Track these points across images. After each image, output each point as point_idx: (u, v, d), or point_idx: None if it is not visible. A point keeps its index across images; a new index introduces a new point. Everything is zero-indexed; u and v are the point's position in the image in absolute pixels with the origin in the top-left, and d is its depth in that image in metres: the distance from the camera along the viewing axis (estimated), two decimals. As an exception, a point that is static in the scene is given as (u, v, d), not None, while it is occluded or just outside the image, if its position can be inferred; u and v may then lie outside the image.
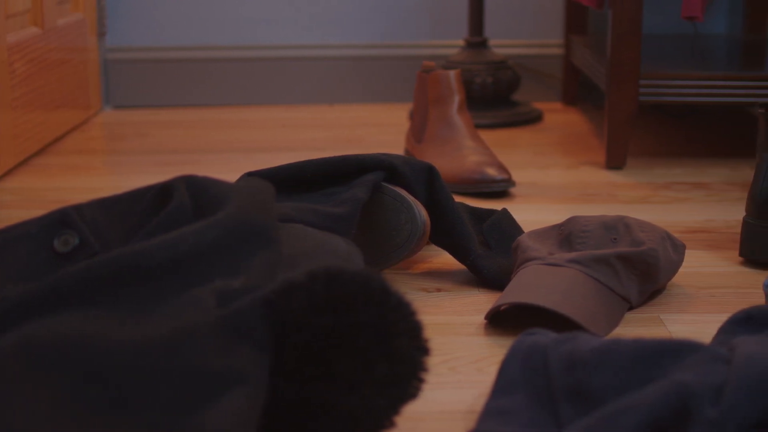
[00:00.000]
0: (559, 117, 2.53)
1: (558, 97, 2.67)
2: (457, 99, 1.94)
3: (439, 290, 1.42)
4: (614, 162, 2.03)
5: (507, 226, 1.50)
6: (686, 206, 1.80)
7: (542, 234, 1.40)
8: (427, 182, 1.44)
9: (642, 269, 1.33)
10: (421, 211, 1.39)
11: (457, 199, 1.84)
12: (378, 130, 2.40)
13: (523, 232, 1.51)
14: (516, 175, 2.00)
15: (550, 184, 1.93)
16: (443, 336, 1.27)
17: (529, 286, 1.27)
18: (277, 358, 1.01)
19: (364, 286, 1.00)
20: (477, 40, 2.46)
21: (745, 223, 1.52)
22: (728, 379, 0.89)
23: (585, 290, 1.28)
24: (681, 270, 1.49)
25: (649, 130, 2.40)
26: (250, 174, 1.44)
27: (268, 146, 2.24)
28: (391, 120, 2.50)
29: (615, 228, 1.38)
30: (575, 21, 2.57)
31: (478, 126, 2.40)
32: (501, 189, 1.84)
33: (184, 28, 2.65)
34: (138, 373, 0.92)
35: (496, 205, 1.80)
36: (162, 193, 1.18)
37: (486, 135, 2.34)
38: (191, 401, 0.91)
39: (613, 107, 2.00)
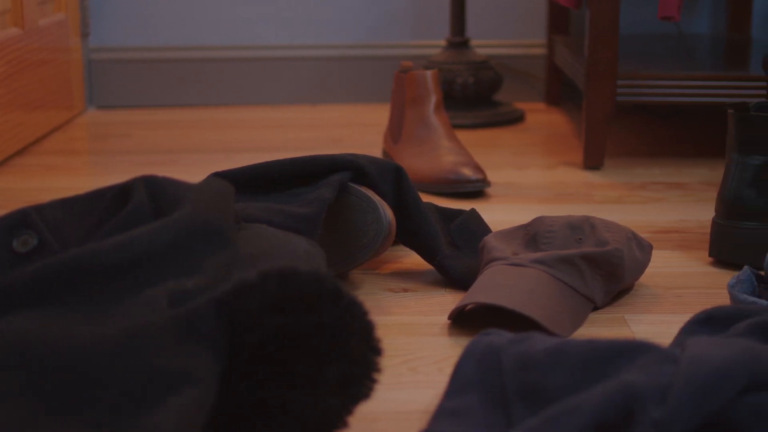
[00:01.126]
0: (541, 117, 2.53)
1: (541, 98, 2.67)
2: (433, 99, 1.94)
3: (405, 290, 1.42)
4: (592, 162, 2.03)
5: (475, 226, 1.50)
6: (661, 206, 1.80)
7: (508, 234, 1.40)
8: (395, 182, 1.44)
9: (607, 269, 1.33)
10: (387, 212, 1.39)
11: (433, 199, 1.84)
12: (360, 130, 2.40)
13: (491, 232, 1.51)
14: (493, 176, 2.00)
15: (527, 185, 1.93)
16: (406, 336, 1.27)
17: (492, 287, 1.27)
18: (230, 358, 1.01)
19: (316, 286, 1.00)
20: (458, 41, 2.46)
21: (714, 224, 1.52)
22: (674, 380, 0.89)
23: (548, 290, 1.28)
24: (649, 270, 1.49)
25: (632, 130, 2.40)
26: (216, 174, 1.44)
27: (249, 146, 2.24)
28: (374, 120, 2.50)
29: (580, 228, 1.38)
30: (558, 21, 2.57)
31: (459, 126, 2.40)
32: (476, 189, 1.84)
33: (168, 28, 2.65)
34: (86, 374, 0.92)
35: (471, 205, 1.80)
36: (121, 193, 1.18)
37: (467, 135, 2.34)
38: (138, 401, 0.91)
39: (591, 107, 2.00)
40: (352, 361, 1.00)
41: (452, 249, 1.46)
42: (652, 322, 1.32)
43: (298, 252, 1.20)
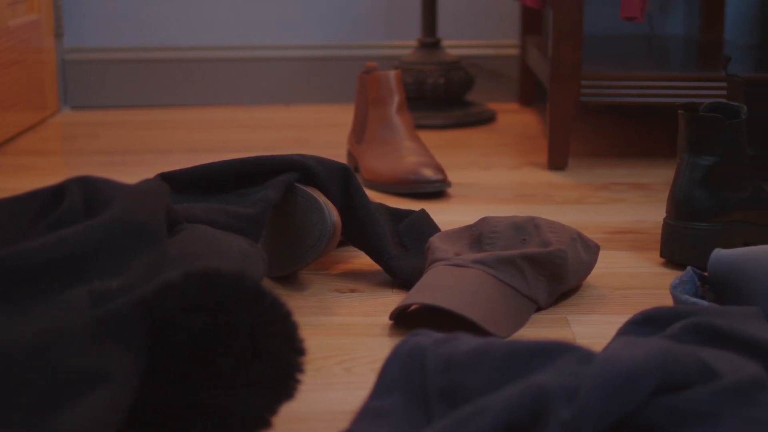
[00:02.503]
0: (513, 117, 2.52)
1: (514, 98, 2.67)
2: (396, 100, 1.94)
3: (352, 291, 1.42)
4: (556, 162, 2.03)
5: (424, 226, 1.50)
6: (620, 207, 1.80)
7: (454, 235, 1.40)
8: (342, 183, 1.44)
9: (550, 270, 1.32)
10: (332, 212, 1.39)
11: (394, 200, 1.84)
12: (329, 130, 2.40)
13: (437, 233, 1.50)
14: (458, 176, 1.99)
15: (490, 185, 1.93)
16: (345, 337, 1.27)
17: (432, 287, 1.27)
18: (153, 358, 1.01)
19: (237, 286, 1.00)
20: (430, 41, 2.46)
21: (665, 224, 1.51)
22: (584, 381, 0.88)
23: (488, 291, 1.27)
24: (599, 270, 1.48)
25: (602, 130, 2.40)
26: (163, 174, 1.44)
27: (215, 147, 2.24)
28: (344, 120, 2.50)
29: (525, 229, 1.37)
30: (530, 22, 2.57)
31: (429, 127, 2.40)
32: (436, 190, 1.84)
33: (142, 29, 2.65)
34: (2, 374, 0.92)
35: (431, 205, 1.80)
36: (56, 194, 1.18)
37: (437, 135, 2.34)
38: (52, 401, 0.91)
39: (555, 107, 2.00)
40: (273, 361, 1.00)
41: (400, 250, 1.46)
42: (595, 322, 1.31)
43: (233, 252, 1.20)
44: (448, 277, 1.28)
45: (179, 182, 1.43)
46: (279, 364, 1.01)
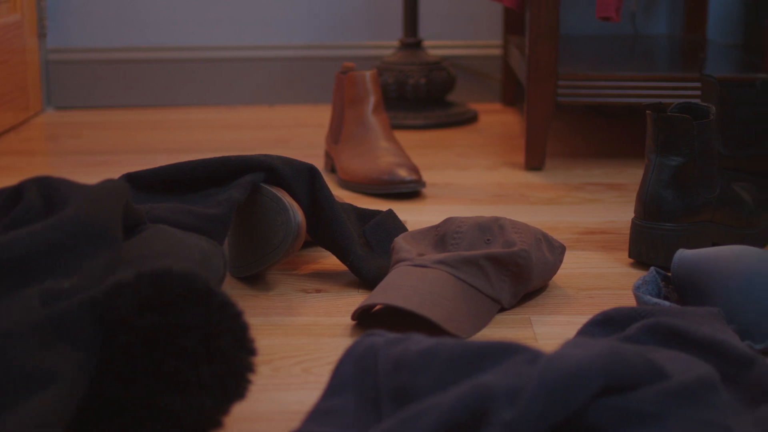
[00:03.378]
0: (495, 118, 2.52)
1: (497, 98, 2.67)
2: (372, 100, 1.94)
3: (318, 291, 1.42)
4: (533, 163, 2.03)
5: (390, 226, 1.50)
6: (594, 207, 1.80)
7: (419, 235, 1.40)
8: (308, 183, 1.44)
9: (513, 270, 1.32)
10: (297, 213, 1.39)
11: (369, 199, 1.84)
12: (311, 130, 2.40)
13: (402, 233, 1.51)
14: (435, 176, 1.99)
15: (465, 185, 1.93)
16: (307, 337, 1.27)
17: (393, 288, 1.27)
18: (105, 357, 1.01)
19: (188, 286, 1.00)
20: (411, 41, 2.46)
21: (633, 225, 1.51)
22: (527, 381, 0.88)
23: (449, 291, 1.27)
24: (566, 271, 1.48)
25: (582, 131, 2.40)
26: (129, 175, 1.44)
27: (197, 147, 2.24)
28: (327, 121, 2.50)
29: (489, 229, 1.37)
30: (513, 22, 2.57)
31: (410, 127, 2.40)
32: (410, 190, 1.84)
33: (126, 29, 2.65)
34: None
35: (406, 206, 1.80)
36: (14, 194, 1.18)
37: (418, 136, 2.34)
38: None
39: (532, 108, 2.00)
40: (224, 361, 1.00)
41: (366, 250, 1.46)
42: (558, 323, 1.31)
43: (193, 253, 1.20)
44: (410, 278, 1.28)
45: (145, 182, 1.43)
46: (230, 365, 1.01)
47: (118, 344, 1.00)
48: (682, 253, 1.32)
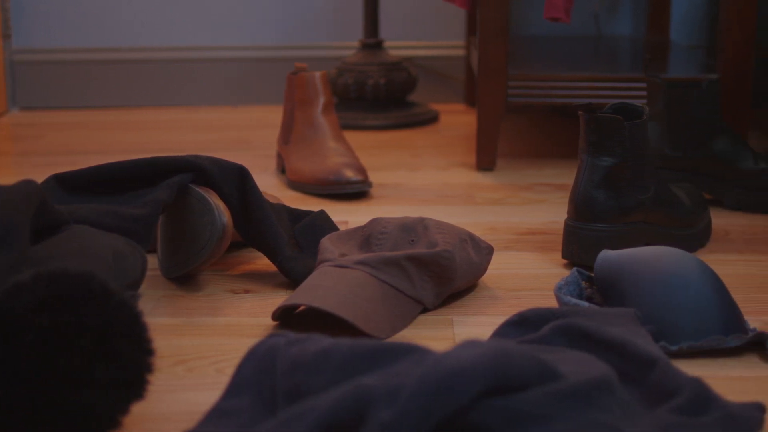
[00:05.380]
0: (457, 118, 2.52)
1: (461, 99, 2.67)
2: (322, 100, 1.94)
3: (247, 291, 1.43)
4: (484, 163, 2.03)
5: (320, 227, 1.50)
6: (538, 207, 1.80)
7: (346, 235, 1.40)
8: (238, 183, 1.45)
9: (435, 271, 1.32)
10: (222, 213, 1.39)
11: (316, 200, 1.84)
12: (272, 131, 2.40)
13: (329, 234, 1.51)
14: (385, 177, 2.00)
15: (414, 186, 1.93)
16: (227, 337, 1.28)
17: (312, 288, 1.28)
18: (2, 357, 1.01)
19: (83, 287, 1.00)
20: (372, 42, 2.46)
21: (566, 225, 1.52)
22: (408, 382, 0.88)
23: (368, 292, 1.28)
24: (498, 271, 1.49)
25: (541, 131, 2.40)
26: (58, 175, 1.44)
27: (155, 148, 2.25)
28: (289, 121, 2.50)
29: (414, 230, 1.37)
30: (476, 23, 2.57)
31: (369, 127, 2.40)
32: (356, 190, 1.84)
33: (92, 30, 2.65)
34: None
35: (351, 206, 1.80)
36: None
37: (376, 136, 2.34)
38: None
39: (482, 108, 2.00)
40: (121, 361, 1.01)
41: (296, 250, 1.46)
42: (480, 324, 1.32)
43: (105, 253, 1.20)
44: (329, 278, 1.29)
45: (73, 183, 1.43)
46: (127, 365, 1.01)
47: (16, 344, 1.00)
48: (605, 254, 1.32)
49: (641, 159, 1.51)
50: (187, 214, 1.42)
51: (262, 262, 1.53)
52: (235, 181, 1.44)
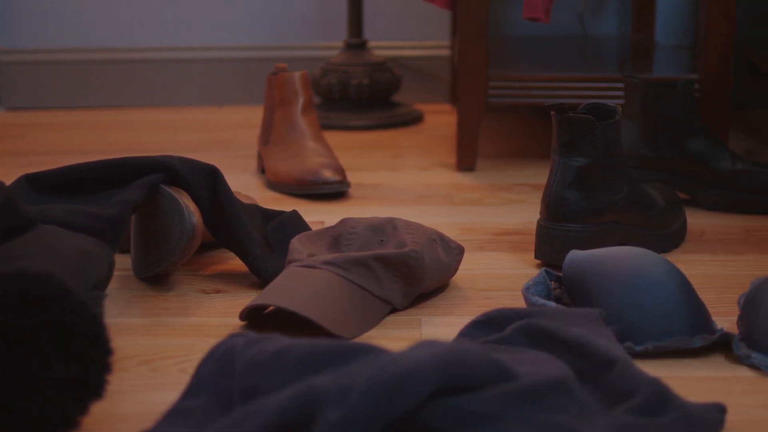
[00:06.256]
0: (441, 118, 2.52)
1: (446, 99, 2.67)
2: (301, 101, 1.94)
3: (218, 292, 1.43)
4: (464, 163, 2.03)
5: (292, 227, 1.50)
6: (516, 208, 1.80)
7: (315, 236, 1.40)
8: (210, 184, 1.45)
9: (403, 271, 1.33)
10: (192, 214, 1.39)
11: (294, 200, 1.84)
12: (256, 131, 2.40)
13: (299, 234, 1.50)
14: (365, 177, 1.99)
15: (393, 186, 1.93)
16: (194, 337, 1.28)
17: (279, 288, 1.28)
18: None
19: (41, 287, 1.00)
20: (356, 42, 2.46)
21: (538, 226, 1.52)
22: (358, 383, 0.88)
23: (335, 292, 1.28)
24: (469, 272, 1.49)
25: (528, 131, 2.39)
26: (29, 175, 1.45)
27: (139, 148, 2.24)
28: (273, 122, 2.50)
29: (382, 230, 1.38)
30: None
31: (353, 128, 2.39)
32: (333, 191, 1.84)
33: (75, 30, 2.65)
34: None
35: (329, 207, 1.80)
36: None
37: (360, 137, 2.34)
38: None
39: (462, 108, 2.00)
40: (79, 361, 1.01)
41: (267, 250, 1.46)
42: (448, 324, 1.32)
43: (70, 253, 1.21)
44: (296, 279, 1.29)
45: (45, 183, 1.44)
46: (85, 364, 1.01)
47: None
48: (573, 254, 1.32)
49: (614, 159, 1.51)
50: (157, 215, 1.42)
51: (234, 263, 1.53)
52: (206, 182, 1.45)
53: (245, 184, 1.95)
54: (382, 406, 0.87)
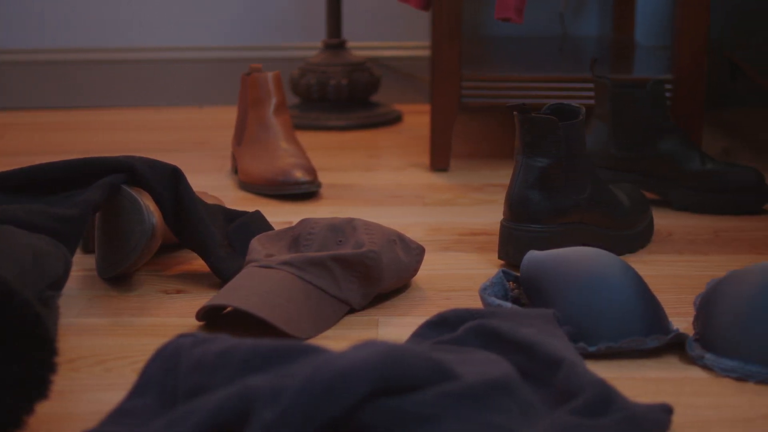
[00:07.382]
0: (420, 119, 2.52)
1: (427, 99, 2.67)
2: (274, 101, 1.95)
3: (179, 292, 1.43)
4: (438, 164, 2.03)
5: (254, 228, 1.50)
6: (486, 208, 1.80)
7: (275, 236, 1.41)
8: (171, 184, 1.45)
9: (361, 271, 1.33)
10: (152, 214, 1.39)
11: (265, 201, 1.84)
12: (230, 132, 2.41)
13: (259, 234, 1.50)
14: (338, 177, 2.00)
15: (366, 187, 1.93)
16: (150, 338, 1.28)
17: (235, 288, 1.28)
18: None
19: (-15, 287, 1.00)
20: (334, 42, 2.46)
21: (501, 226, 1.52)
22: (292, 383, 0.89)
23: (290, 292, 1.28)
24: (432, 272, 1.49)
25: (507, 132, 2.39)
26: (-10, 176, 1.45)
27: (111, 148, 2.25)
28: (252, 122, 2.50)
29: (342, 230, 1.38)
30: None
31: (331, 128, 2.40)
32: (304, 191, 1.84)
33: (52, 30, 2.65)
34: None
35: (300, 207, 1.81)
36: None
37: (338, 137, 2.34)
38: None
39: (436, 109, 2.00)
40: (24, 361, 1.01)
41: (228, 251, 1.46)
42: (405, 324, 1.32)
43: (23, 253, 1.21)
44: (253, 279, 1.29)
45: (6, 182, 1.44)
46: (29, 364, 1.01)
47: None
48: (531, 255, 1.32)
49: (577, 159, 1.51)
50: (119, 215, 1.42)
51: (197, 263, 1.53)
52: (167, 182, 1.45)
53: (219, 185, 1.95)
54: (315, 406, 0.87)
